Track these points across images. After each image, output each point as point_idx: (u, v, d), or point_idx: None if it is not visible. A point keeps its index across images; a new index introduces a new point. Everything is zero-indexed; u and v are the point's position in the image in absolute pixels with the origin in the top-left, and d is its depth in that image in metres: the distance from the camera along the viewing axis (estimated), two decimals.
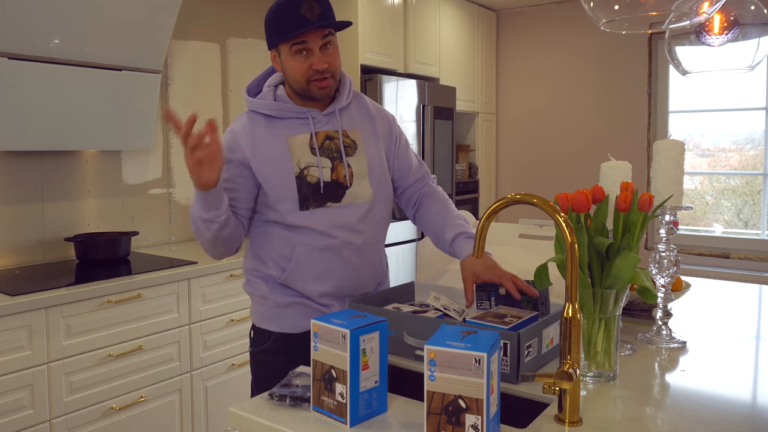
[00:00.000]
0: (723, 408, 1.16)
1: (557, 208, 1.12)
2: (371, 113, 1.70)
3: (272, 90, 1.61)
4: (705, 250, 4.29)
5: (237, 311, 2.81)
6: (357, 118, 1.67)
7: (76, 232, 2.84)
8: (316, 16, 1.48)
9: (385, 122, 1.72)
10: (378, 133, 1.69)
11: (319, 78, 1.53)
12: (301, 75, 1.53)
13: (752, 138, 4.26)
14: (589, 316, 1.27)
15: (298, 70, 1.53)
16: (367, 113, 1.69)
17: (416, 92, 3.85)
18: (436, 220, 1.72)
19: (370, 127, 1.68)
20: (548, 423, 1.08)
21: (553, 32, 4.86)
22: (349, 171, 1.59)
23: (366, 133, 1.66)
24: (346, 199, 1.58)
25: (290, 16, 1.47)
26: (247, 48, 3.58)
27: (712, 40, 2.14)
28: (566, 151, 4.84)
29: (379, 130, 1.70)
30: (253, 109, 1.61)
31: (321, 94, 1.56)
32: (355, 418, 1.06)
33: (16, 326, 2.09)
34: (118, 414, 2.38)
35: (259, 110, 1.59)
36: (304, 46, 1.50)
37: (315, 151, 1.57)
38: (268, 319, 1.64)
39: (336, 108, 1.61)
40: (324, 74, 1.53)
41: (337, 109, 1.62)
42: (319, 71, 1.52)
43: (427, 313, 1.50)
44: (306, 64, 1.51)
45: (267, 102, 1.58)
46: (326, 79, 1.54)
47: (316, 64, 1.51)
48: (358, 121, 1.66)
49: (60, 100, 2.54)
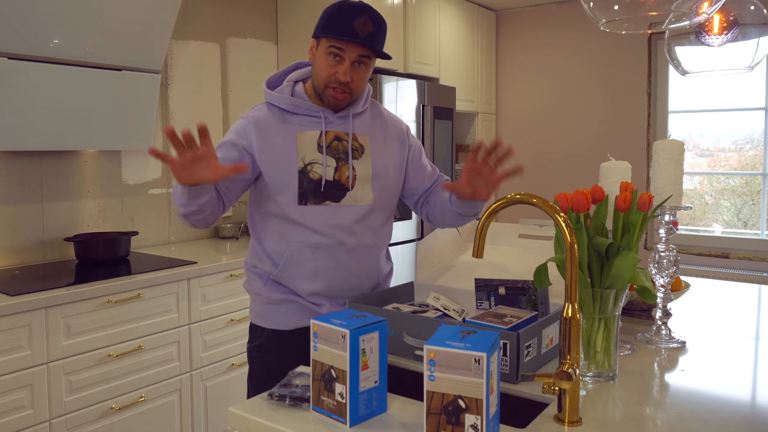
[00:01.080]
0: (722, 408, 1.16)
1: (557, 208, 1.12)
2: (385, 123, 1.72)
3: (291, 85, 1.63)
4: (704, 250, 4.29)
5: (237, 311, 2.81)
6: (369, 125, 1.68)
7: (76, 232, 2.84)
8: (365, 34, 1.50)
9: (397, 133, 1.73)
10: (388, 143, 1.70)
11: (338, 88, 1.55)
12: (323, 76, 1.55)
13: (752, 138, 4.26)
14: (588, 316, 1.27)
15: (324, 71, 1.55)
16: (381, 122, 1.71)
17: (416, 92, 3.85)
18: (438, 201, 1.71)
19: (382, 135, 1.69)
20: (548, 423, 1.08)
21: (552, 32, 4.86)
22: (352, 174, 1.60)
23: (376, 140, 1.67)
24: (346, 201, 1.59)
25: (343, 20, 1.50)
26: (247, 48, 3.58)
27: (711, 40, 2.14)
28: (566, 151, 4.84)
29: (390, 139, 1.71)
30: (269, 101, 1.63)
31: (333, 103, 1.58)
32: (354, 418, 1.06)
33: (15, 326, 2.09)
34: (117, 414, 2.38)
35: (275, 103, 1.62)
36: (339, 53, 1.52)
37: (322, 149, 1.58)
38: (261, 315, 1.66)
39: (350, 112, 1.63)
40: (344, 87, 1.55)
41: (351, 114, 1.63)
42: (341, 82, 1.54)
43: (427, 313, 1.50)
44: (333, 69, 1.53)
45: (283, 96, 1.61)
46: (344, 92, 1.56)
47: (341, 74, 1.53)
48: (369, 128, 1.67)
49: (60, 100, 2.54)
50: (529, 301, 1.54)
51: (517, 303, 1.56)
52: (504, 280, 1.59)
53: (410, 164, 1.75)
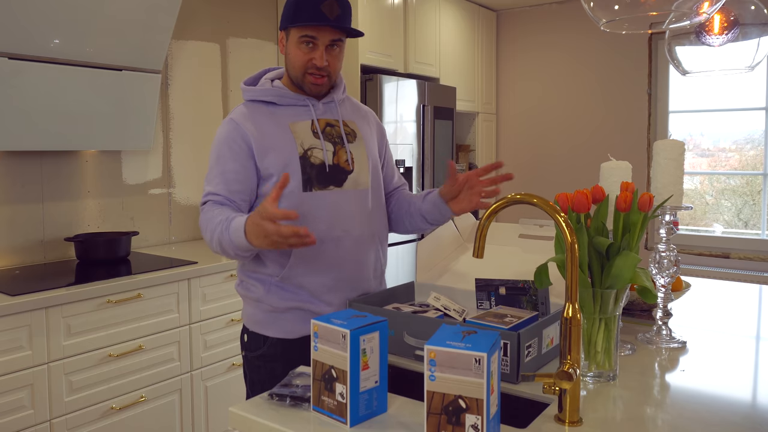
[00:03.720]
0: (723, 408, 1.16)
1: (557, 208, 1.12)
2: (364, 111, 1.77)
3: (269, 82, 1.64)
4: (705, 250, 4.29)
5: (237, 311, 2.81)
6: (353, 112, 1.72)
7: (76, 232, 2.84)
8: (334, 17, 1.51)
9: (375, 122, 1.79)
10: (372, 130, 1.75)
11: (316, 74, 1.56)
12: (299, 64, 1.56)
13: (752, 138, 4.26)
14: (589, 316, 1.27)
15: (299, 60, 1.56)
16: (359, 110, 1.76)
17: (416, 92, 3.85)
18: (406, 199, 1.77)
19: (365, 122, 1.73)
20: (548, 423, 1.08)
21: (553, 32, 4.86)
22: (350, 157, 1.61)
23: (362, 126, 1.71)
24: (348, 184, 1.60)
25: (309, 7, 1.50)
26: (247, 48, 3.58)
27: (712, 40, 2.14)
28: (566, 151, 4.84)
29: (371, 126, 1.75)
30: (252, 99, 1.62)
31: (313, 89, 1.60)
32: (355, 418, 1.06)
33: (16, 326, 2.09)
34: (118, 414, 2.38)
35: (260, 98, 1.61)
36: (312, 40, 1.53)
37: (318, 135, 1.59)
38: (263, 323, 1.61)
39: (334, 98, 1.65)
40: (321, 72, 1.56)
41: (336, 99, 1.65)
42: (318, 68, 1.55)
43: (427, 313, 1.50)
44: (308, 56, 1.55)
45: (267, 89, 1.61)
46: (323, 77, 1.57)
47: (317, 59, 1.54)
48: (354, 115, 1.71)
49: (60, 100, 2.54)
50: (529, 301, 1.54)
51: (518, 303, 1.56)
52: (504, 280, 1.58)
53: (384, 161, 1.79)
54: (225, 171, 1.54)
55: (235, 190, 1.54)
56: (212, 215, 1.49)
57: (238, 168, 1.55)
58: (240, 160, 1.55)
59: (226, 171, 1.54)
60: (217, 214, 1.48)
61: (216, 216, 1.48)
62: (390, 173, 1.82)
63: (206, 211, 1.53)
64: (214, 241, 1.49)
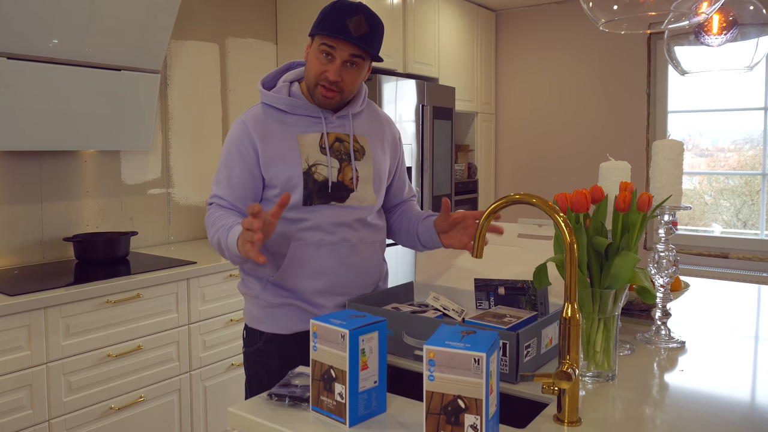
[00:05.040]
0: (722, 408, 1.16)
1: (556, 208, 1.12)
2: (382, 125, 1.73)
3: (287, 86, 1.62)
4: (704, 250, 4.30)
5: (236, 311, 2.81)
6: (368, 125, 1.69)
7: (75, 232, 2.84)
8: (359, 35, 1.50)
9: (391, 137, 1.75)
10: (385, 145, 1.71)
11: (327, 87, 1.54)
12: (314, 74, 1.55)
13: (751, 138, 4.27)
14: (588, 316, 1.27)
15: (314, 69, 1.55)
16: (378, 123, 1.72)
17: (415, 92, 3.85)
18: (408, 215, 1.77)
19: (379, 137, 1.70)
20: (547, 423, 1.08)
21: (552, 32, 4.86)
22: (356, 175, 1.60)
23: (374, 140, 1.68)
24: (350, 201, 1.59)
25: (337, 19, 1.49)
26: (247, 48, 3.58)
27: (711, 40, 2.14)
28: (565, 151, 4.84)
29: (386, 142, 1.72)
30: (266, 102, 1.62)
31: (323, 102, 1.57)
32: (354, 418, 1.06)
33: (15, 326, 2.09)
34: (117, 414, 2.38)
35: (273, 104, 1.60)
36: (330, 51, 1.52)
37: (325, 151, 1.58)
38: (260, 319, 1.64)
39: (349, 112, 1.63)
40: (333, 86, 1.54)
41: (350, 114, 1.64)
42: (330, 81, 1.53)
43: (427, 313, 1.50)
44: (323, 68, 1.53)
45: (281, 96, 1.60)
46: (334, 92, 1.55)
47: (330, 73, 1.52)
48: (368, 129, 1.68)
49: (59, 100, 2.53)
50: (528, 301, 1.54)
51: (517, 303, 1.56)
52: (503, 280, 1.59)
53: (396, 173, 1.78)
54: (231, 176, 1.57)
55: (240, 196, 1.57)
56: (216, 218, 1.54)
57: (244, 173, 1.56)
58: (247, 165, 1.57)
59: (232, 176, 1.56)
60: (220, 217, 1.53)
61: (219, 220, 1.53)
62: (400, 185, 1.80)
63: (211, 213, 1.58)
64: (214, 243, 1.54)
